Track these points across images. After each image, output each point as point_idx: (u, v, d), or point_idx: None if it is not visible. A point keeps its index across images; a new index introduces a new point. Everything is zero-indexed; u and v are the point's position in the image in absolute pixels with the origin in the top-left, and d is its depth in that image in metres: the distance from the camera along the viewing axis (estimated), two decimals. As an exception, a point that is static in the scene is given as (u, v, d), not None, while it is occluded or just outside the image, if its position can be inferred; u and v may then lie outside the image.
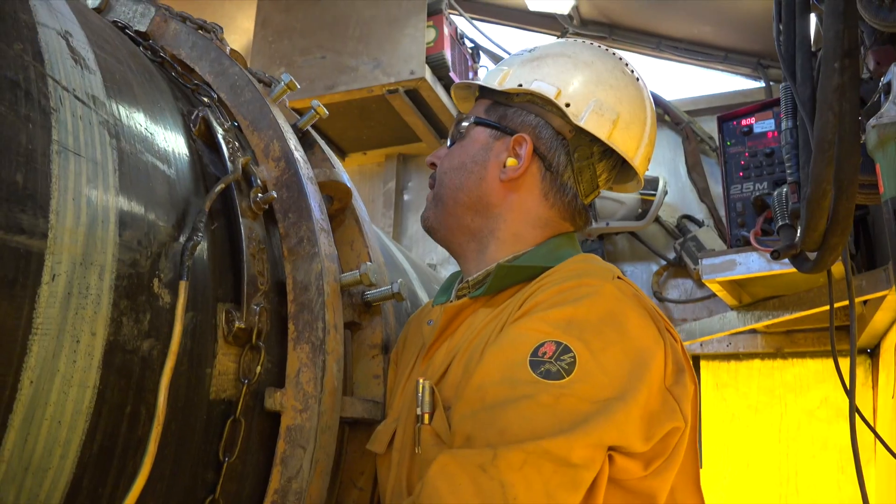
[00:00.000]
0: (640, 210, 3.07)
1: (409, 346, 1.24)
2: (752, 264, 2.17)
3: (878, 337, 2.65)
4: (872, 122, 1.21)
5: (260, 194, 1.15)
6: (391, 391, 1.23)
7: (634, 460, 0.89)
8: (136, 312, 0.90)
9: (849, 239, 2.27)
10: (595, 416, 0.84)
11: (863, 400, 2.75)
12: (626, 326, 0.92)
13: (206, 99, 1.27)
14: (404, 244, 3.69)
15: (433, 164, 1.26)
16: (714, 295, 2.68)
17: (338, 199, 1.39)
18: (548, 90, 1.15)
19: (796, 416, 2.85)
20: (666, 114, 3.28)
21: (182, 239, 1.00)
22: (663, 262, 3.15)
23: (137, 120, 1.02)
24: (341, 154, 3.82)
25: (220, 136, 1.17)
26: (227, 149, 1.17)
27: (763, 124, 2.27)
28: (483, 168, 1.17)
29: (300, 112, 1.44)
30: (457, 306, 1.11)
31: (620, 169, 1.24)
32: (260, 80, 1.38)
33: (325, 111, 1.40)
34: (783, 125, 1.64)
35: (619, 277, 1.02)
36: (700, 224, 3.11)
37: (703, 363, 3.09)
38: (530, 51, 1.22)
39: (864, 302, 2.41)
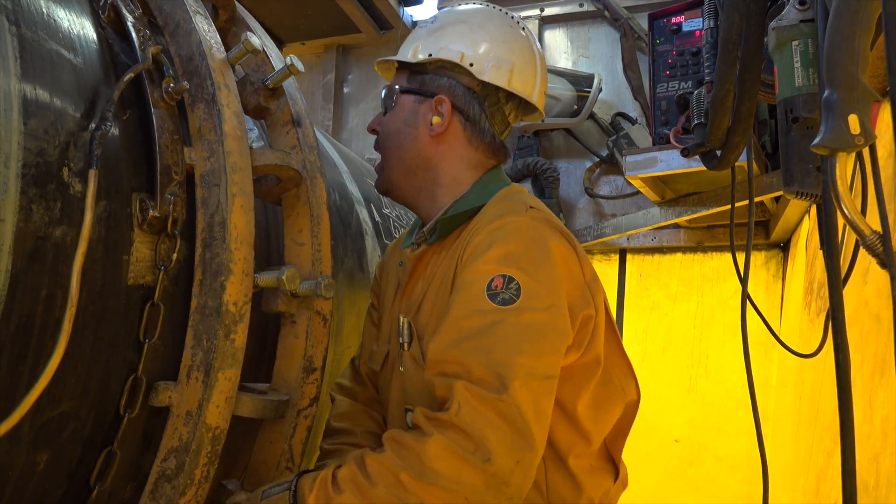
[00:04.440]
0: (575, 107, 3.10)
1: (388, 278, 1.49)
2: (673, 161, 2.25)
3: (790, 231, 2.81)
4: (773, 24, 1.26)
5: (172, 84, 1.16)
6: (381, 316, 1.50)
7: (571, 351, 1.17)
8: (47, 200, 0.93)
9: (766, 137, 2.37)
10: (549, 327, 1.11)
11: (773, 291, 2.94)
12: (547, 246, 1.17)
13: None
14: (343, 138, 3.67)
15: (374, 131, 1.44)
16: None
17: (223, 8, 1.43)
18: (453, 55, 1.35)
19: (711, 306, 3.04)
20: (605, 9, 3.27)
21: (91, 128, 1.01)
22: (597, 159, 3.23)
23: (39, 6, 1.01)
24: (279, 43, 3.72)
25: (129, 24, 1.16)
26: (138, 37, 1.16)
27: (692, 22, 2.29)
28: (414, 129, 1.38)
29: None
30: (418, 254, 1.35)
31: (526, 105, 1.45)
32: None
33: None
34: (705, 24, 1.68)
35: (531, 207, 1.24)
36: (633, 121, 3.16)
37: (629, 256, 3.23)
38: (432, 22, 1.42)
39: (777, 198, 2.53)
